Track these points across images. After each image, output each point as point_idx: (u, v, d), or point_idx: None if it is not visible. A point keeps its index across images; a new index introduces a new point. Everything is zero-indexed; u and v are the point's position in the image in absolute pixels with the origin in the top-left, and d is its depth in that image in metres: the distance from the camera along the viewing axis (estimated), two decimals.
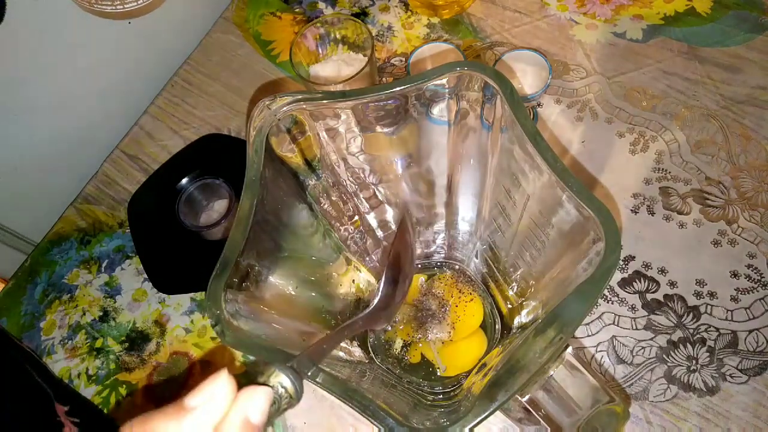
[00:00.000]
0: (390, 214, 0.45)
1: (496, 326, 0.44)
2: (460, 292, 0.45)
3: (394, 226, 0.46)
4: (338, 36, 0.53)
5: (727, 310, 0.45)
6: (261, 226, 0.29)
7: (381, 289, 0.34)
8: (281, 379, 0.21)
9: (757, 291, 0.45)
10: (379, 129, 0.36)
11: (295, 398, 0.21)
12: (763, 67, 0.54)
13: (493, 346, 0.43)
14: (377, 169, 0.40)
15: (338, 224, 0.41)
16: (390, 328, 0.44)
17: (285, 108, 0.31)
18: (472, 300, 0.44)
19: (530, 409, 0.26)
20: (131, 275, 0.54)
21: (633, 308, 0.46)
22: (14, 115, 0.53)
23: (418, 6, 0.63)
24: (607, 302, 0.46)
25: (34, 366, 0.47)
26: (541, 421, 0.26)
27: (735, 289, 0.45)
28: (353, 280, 0.44)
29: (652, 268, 0.47)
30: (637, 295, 0.46)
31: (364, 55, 0.53)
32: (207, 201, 0.54)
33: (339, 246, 0.42)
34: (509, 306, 0.43)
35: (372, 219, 0.44)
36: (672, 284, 0.46)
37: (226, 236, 0.30)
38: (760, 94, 0.53)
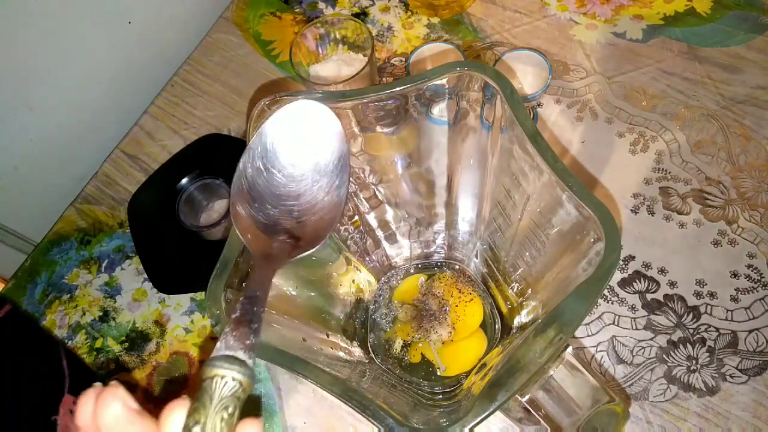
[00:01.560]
0: (390, 214, 0.45)
1: (496, 326, 0.44)
2: (460, 292, 0.45)
3: (394, 226, 0.46)
4: (338, 36, 0.53)
5: (727, 310, 0.45)
6: None
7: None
8: (224, 371, 0.19)
9: (757, 291, 0.45)
10: (379, 129, 0.36)
11: (247, 382, 0.19)
12: (763, 67, 0.54)
13: (493, 346, 0.43)
14: (377, 169, 0.40)
15: (338, 224, 0.41)
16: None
17: None
18: (472, 300, 0.44)
19: (530, 409, 0.26)
20: (131, 275, 0.54)
21: (633, 308, 0.46)
22: (14, 115, 0.53)
23: (418, 6, 0.63)
24: (607, 302, 0.46)
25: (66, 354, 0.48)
26: (541, 421, 0.26)
27: (735, 289, 0.45)
28: (353, 280, 0.44)
29: (652, 268, 0.47)
30: (637, 295, 0.46)
31: (364, 55, 0.53)
32: (207, 201, 0.54)
33: (339, 246, 0.42)
34: (509, 306, 0.43)
35: (372, 219, 0.44)
36: (672, 284, 0.46)
37: (226, 236, 0.30)
38: (760, 94, 0.53)
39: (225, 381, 0.18)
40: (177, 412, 0.18)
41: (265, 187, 0.28)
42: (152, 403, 0.48)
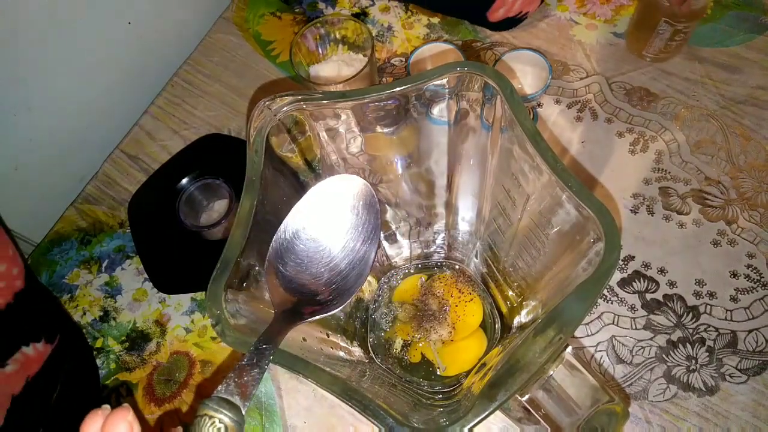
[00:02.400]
0: (390, 214, 0.45)
1: (496, 326, 0.44)
2: (459, 292, 0.45)
3: (393, 226, 0.46)
4: (338, 36, 0.53)
5: (727, 310, 0.45)
6: (261, 226, 0.30)
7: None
8: (214, 413, 0.20)
9: (757, 291, 0.45)
10: (379, 129, 0.36)
11: (233, 427, 0.21)
12: (763, 67, 0.54)
13: (493, 345, 0.43)
14: (377, 170, 0.40)
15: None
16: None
17: (285, 108, 0.31)
18: (471, 300, 0.44)
19: (530, 408, 0.26)
20: (131, 275, 0.54)
21: (632, 308, 0.46)
22: (14, 115, 0.53)
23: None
24: (607, 302, 0.46)
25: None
26: (541, 421, 0.26)
27: (734, 289, 0.45)
28: None
29: (651, 268, 0.47)
30: (636, 295, 0.46)
31: (364, 56, 0.53)
32: (207, 201, 0.54)
33: None
34: (509, 306, 0.43)
35: None
36: (671, 284, 0.46)
37: (226, 236, 0.30)
38: (759, 94, 0.53)
39: (213, 422, 0.20)
40: None
41: (300, 251, 0.30)
42: (152, 403, 0.48)
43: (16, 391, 0.41)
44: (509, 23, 0.58)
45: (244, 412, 0.21)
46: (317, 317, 0.28)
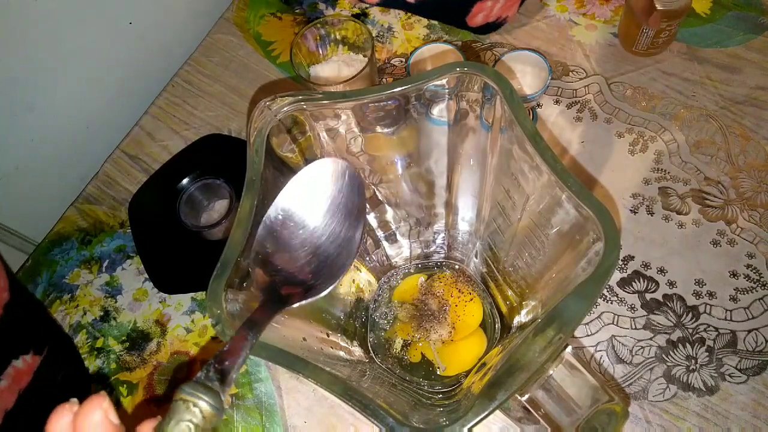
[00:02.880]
0: (390, 214, 0.45)
1: (496, 326, 0.44)
2: (459, 291, 0.45)
3: (393, 226, 0.46)
4: (338, 37, 0.53)
5: (726, 310, 0.45)
6: None
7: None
8: (190, 397, 0.19)
9: (756, 291, 0.45)
10: (379, 129, 0.36)
11: (210, 413, 0.19)
12: (762, 67, 0.54)
13: (493, 345, 0.43)
14: (377, 170, 0.40)
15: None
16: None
17: (285, 108, 0.31)
18: (471, 300, 0.44)
19: (530, 408, 0.26)
20: (132, 275, 0.54)
21: (632, 308, 0.46)
22: (15, 115, 0.53)
23: None
24: (607, 302, 0.46)
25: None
26: (541, 421, 0.26)
27: (734, 289, 0.46)
28: (353, 280, 0.44)
29: (651, 268, 0.47)
30: (636, 295, 0.46)
31: (364, 56, 0.53)
32: (208, 201, 0.54)
33: None
34: (509, 305, 0.43)
35: (372, 219, 0.44)
36: (671, 284, 0.46)
37: (226, 236, 0.30)
38: (759, 94, 0.53)
39: (188, 405, 0.19)
40: (147, 430, 0.19)
41: (286, 237, 0.30)
42: (153, 402, 0.48)
43: (9, 406, 0.41)
44: (489, 28, 0.59)
45: (223, 398, 0.20)
46: (303, 302, 0.28)
